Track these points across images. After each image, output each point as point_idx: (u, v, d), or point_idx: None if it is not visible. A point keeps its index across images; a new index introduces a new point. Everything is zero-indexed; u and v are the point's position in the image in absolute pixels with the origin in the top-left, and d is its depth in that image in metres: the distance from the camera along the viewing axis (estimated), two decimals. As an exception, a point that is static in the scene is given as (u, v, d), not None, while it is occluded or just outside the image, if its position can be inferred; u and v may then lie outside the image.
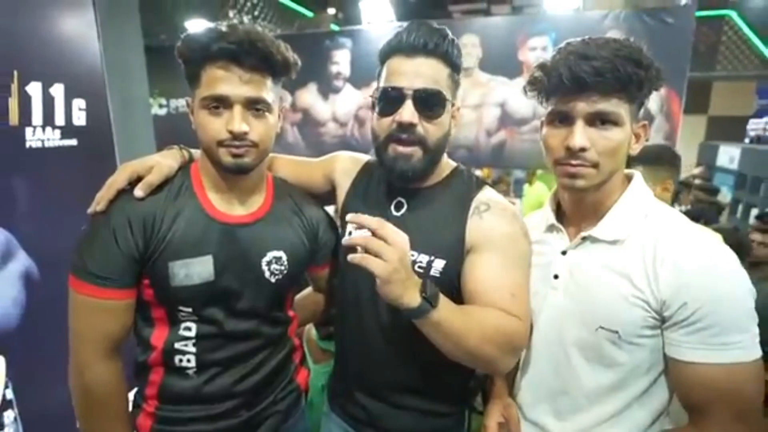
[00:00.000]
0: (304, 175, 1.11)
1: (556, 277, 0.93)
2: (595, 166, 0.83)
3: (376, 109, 0.94)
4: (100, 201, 0.87)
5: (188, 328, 0.93)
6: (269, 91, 0.89)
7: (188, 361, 0.93)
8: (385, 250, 0.74)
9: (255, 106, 0.88)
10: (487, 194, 0.96)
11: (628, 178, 0.91)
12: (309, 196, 1.09)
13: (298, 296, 1.16)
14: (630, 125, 0.83)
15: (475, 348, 0.82)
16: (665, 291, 0.79)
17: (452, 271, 0.92)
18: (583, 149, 0.82)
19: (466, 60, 3.99)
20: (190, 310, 0.91)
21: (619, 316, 0.84)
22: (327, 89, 4.61)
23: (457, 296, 0.90)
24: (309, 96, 4.69)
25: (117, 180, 0.88)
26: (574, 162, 0.84)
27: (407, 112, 0.88)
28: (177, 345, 0.93)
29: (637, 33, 3.58)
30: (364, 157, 1.12)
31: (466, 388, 1.06)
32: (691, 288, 0.77)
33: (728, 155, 5.77)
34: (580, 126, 0.82)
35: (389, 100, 0.91)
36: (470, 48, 4.02)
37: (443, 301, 0.80)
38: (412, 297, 0.77)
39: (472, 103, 4.07)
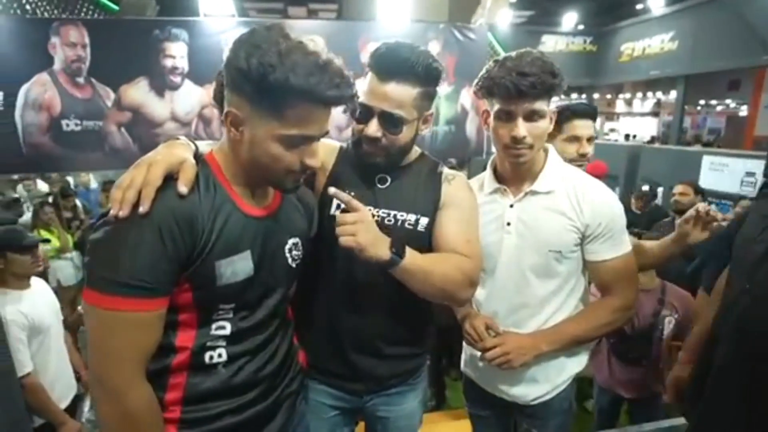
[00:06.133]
0: None
1: (508, 224, 1.26)
2: (531, 147, 1.18)
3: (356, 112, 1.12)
4: (143, 201, 0.78)
5: (221, 327, 0.93)
6: None
7: (219, 356, 0.93)
8: (351, 228, 0.96)
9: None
10: (447, 170, 1.24)
11: (545, 150, 1.29)
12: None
13: None
14: (548, 116, 1.20)
15: (440, 283, 1.05)
16: (588, 217, 1.19)
17: (432, 226, 1.16)
18: (524, 137, 1.15)
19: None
20: (232, 306, 0.92)
21: (560, 240, 1.21)
22: (162, 85, 4.13)
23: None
24: (138, 93, 4.12)
25: (152, 177, 0.80)
26: (518, 146, 1.17)
27: (372, 129, 1.08)
28: (209, 343, 0.92)
29: (450, 43, 4.41)
30: (334, 144, 1.25)
31: (429, 334, 1.33)
32: (601, 213, 1.20)
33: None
34: (520, 121, 1.15)
35: (362, 113, 1.10)
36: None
37: (409, 252, 1.01)
38: (382, 253, 0.98)
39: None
